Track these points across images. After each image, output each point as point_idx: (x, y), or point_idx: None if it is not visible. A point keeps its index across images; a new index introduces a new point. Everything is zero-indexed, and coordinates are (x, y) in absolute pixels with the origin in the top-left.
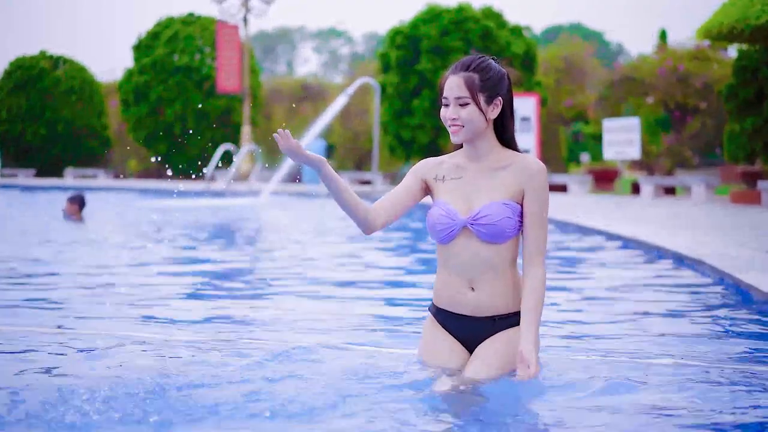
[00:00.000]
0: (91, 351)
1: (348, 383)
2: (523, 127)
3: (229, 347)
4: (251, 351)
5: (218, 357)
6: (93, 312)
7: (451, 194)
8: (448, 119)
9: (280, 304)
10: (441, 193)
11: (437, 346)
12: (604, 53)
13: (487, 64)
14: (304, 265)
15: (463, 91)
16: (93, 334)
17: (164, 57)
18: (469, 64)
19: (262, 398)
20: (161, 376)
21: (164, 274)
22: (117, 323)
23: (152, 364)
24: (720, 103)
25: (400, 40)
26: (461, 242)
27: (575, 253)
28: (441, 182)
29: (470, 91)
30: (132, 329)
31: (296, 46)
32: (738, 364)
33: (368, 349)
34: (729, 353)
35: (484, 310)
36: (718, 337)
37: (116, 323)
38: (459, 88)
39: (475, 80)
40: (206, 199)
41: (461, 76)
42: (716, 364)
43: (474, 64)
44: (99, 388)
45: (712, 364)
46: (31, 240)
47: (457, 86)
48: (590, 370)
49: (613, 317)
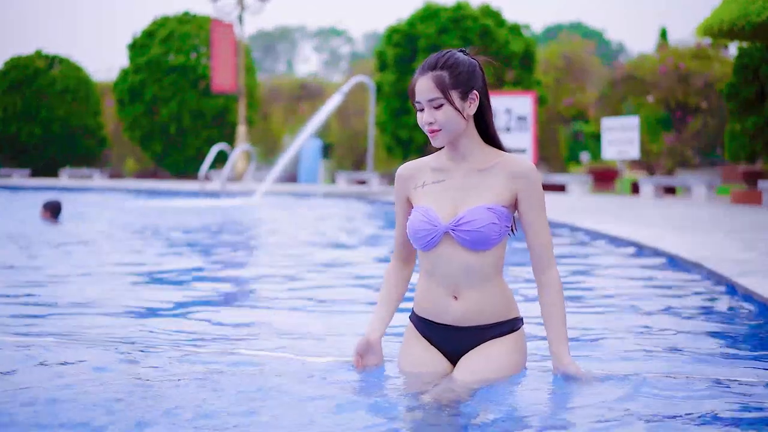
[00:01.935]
0: (61, 358)
1: (320, 394)
2: (520, 126)
3: (203, 357)
4: (228, 360)
5: (190, 366)
6: (59, 318)
7: (432, 199)
8: (425, 124)
9: (261, 313)
10: (422, 198)
11: (417, 356)
12: (605, 52)
13: (455, 59)
14: (290, 270)
15: (434, 92)
16: (60, 343)
17: (159, 56)
18: (435, 63)
19: (245, 411)
20: (135, 384)
21: (142, 279)
22: (87, 329)
23: (126, 370)
24: (721, 102)
25: (398, 38)
26: (443, 249)
27: (568, 256)
28: (421, 188)
29: (442, 90)
30: (105, 335)
31: (296, 46)
32: (736, 374)
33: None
34: (724, 363)
35: (468, 319)
36: (715, 346)
37: (86, 329)
38: (429, 89)
39: (445, 78)
40: (198, 200)
41: (429, 76)
42: (712, 376)
43: (441, 62)
44: (62, 397)
45: (710, 375)
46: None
47: (427, 88)
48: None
49: (604, 324)
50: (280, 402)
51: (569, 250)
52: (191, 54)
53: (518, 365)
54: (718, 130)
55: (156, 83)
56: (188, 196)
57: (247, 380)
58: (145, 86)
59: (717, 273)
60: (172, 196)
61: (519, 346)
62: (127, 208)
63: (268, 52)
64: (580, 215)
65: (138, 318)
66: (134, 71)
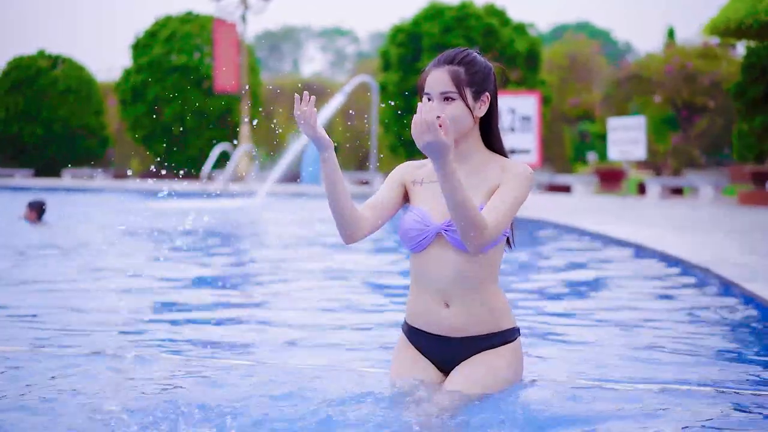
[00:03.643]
0: (49, 366)
1: (309, 404)
2: (524, 126)
3: (198, 365)
4: (219, 368)
5: (179, 373)
6: (42, 324)
7: (426, 199)
8: None
9: (256, 317)
10: (417, 197)
11: (408, 366)
12: (612, 52)
13: (472, 58)
14: (286, 274)
15: (448, 86)
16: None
17: (162, 56)
18: (453, 57)
19: (231, 420)
20: (125, 391)
21: (134, 283)
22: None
23: (116, 380)
24: (728, 101)
25: (402, 37)
26: (435, 251)
27: (573, 257)
28: (419, 185)
29: (456, 85)
30: (95, 342)
31: (302, 46)
32: (748, 387)
33: (357, 370)
34: (732, 375)
35: (460, 329)
36: (720, 356)
37: (76, 335)
38: (443, 82)
39: (461, 74)
40: (199, 200)
41: (446, 69)
42: (719, 387)
43: (459, 57)
44: (53, 406)
45: (718, 387)
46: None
47: (441, 81)
48: (581, 390)
49: (605, 332)
50: (267, 411)
51: (573, 252)
52: (194, 54)
53: (513, 378)
54: (726, 130)
55: (158, 83)
56: (189, 196)
57: (234, 389)
58: (147, 86)
59: (724, 278)
60: (172, 197)
61: (514, 359)
62: (127, 210)
63: (274, 52)
64: (581, 216)
65: (128, 323)
66: (137, 71)
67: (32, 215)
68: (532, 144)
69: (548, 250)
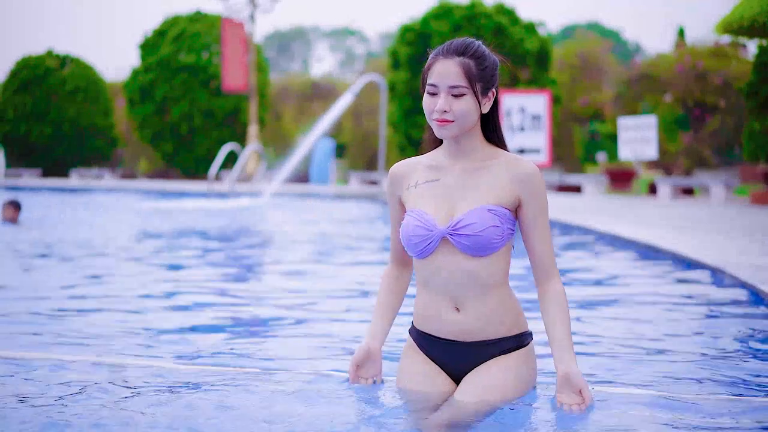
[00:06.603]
0: (48, 373)
1: (313, 413)
2: (534, 125)
3: (197, 371)
4: (220, 374)
5: (180, 380)
6: (40, 327)
7: (426, 200)
8: (437, 111)
9: (259, 322)
10: (414, 200)
11: (417, 373)
12: (622, 52)
13: (482, 52)
14: (288, 277)
15: (460, 79)
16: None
17: (170, 55)
18: (464, 49)
19: (233, 427)
20: (124, 398)
21: (136, 286)
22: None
23: (105, 387)
24: (740, 100)
25: (411, 36)
26: (441, 256)
27: (578, 258)
28: (414, 188)
29: (469, 79)
30: (95, 346)
31: (311, 45)
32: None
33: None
34: (747, 378)
35: (471, 334)
36: (735, 360)
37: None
38: (455, 75)
39: (473, 67)
40: (205, 201)
41: (457, 61)
42: (731, 395)
43: (470, 50)
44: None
45: (733, 395)
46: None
47: (452, 73)
48: (595, 395)
49: (618, 335)
50: (269, 420)
51: (584, 252)
52: (202, 53)
53: (527, 385)
54: (737, 130)
55: (167, 83)
56: (197, 196)
57: (237, 396)
58: (155, 86)
59: (739, 279)
60: (180, 197)
61: (528, 364)
62: (133, 209)
63: (283, 52)
64: (590, 215)
65: (129, 327)
66: (145, 71)
67: (14, 214)
68: (542, 143)
69: (558, 250)
